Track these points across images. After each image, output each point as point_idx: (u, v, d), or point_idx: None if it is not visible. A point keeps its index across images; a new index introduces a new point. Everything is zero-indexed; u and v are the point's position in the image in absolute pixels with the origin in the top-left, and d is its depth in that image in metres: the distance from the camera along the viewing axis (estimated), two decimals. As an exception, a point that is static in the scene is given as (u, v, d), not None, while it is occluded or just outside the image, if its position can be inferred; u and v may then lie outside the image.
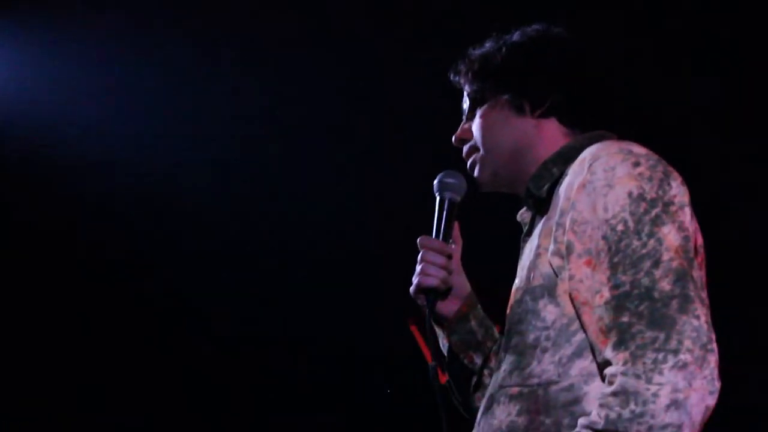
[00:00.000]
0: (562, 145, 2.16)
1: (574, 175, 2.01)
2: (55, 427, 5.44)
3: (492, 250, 3.59)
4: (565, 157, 2.11)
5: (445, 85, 2.35)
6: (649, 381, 1.79)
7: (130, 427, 5.62)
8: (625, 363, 1.82)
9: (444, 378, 5.66)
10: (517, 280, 2.13)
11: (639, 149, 2.00)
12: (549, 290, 2.00)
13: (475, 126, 2.26)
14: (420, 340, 5.69)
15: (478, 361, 2.28)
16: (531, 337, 2.01)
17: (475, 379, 2.28)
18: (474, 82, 2.27)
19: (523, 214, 2.26)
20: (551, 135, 2.18)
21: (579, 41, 2.26)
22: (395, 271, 5.23)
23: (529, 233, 2.18)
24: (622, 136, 2.14)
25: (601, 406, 1.82)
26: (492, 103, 2.23)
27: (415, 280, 2.24)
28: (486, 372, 2.27)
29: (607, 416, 1.80)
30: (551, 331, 1.98)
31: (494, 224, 3.39)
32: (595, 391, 1.90)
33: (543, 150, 2.17)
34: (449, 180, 2.30)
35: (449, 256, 2.25)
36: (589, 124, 2.19)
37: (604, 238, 1.91)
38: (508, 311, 2.13)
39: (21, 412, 5.34)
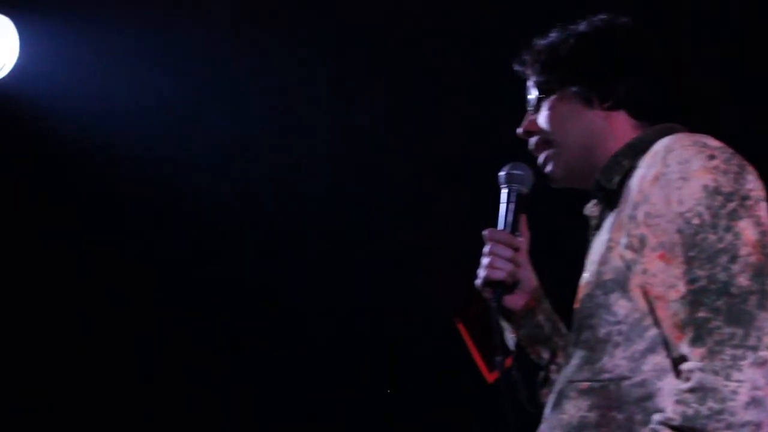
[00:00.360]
0: (632, 138, 2.12)
1: (646, 168, 1.98)
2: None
3: (555, 244, 3.56)
4: (635, 150, 2.08)
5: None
6: (727, 378, 1.76)
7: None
8: (702, 359, 1.79)
9: (491, 376, 5.64)
10: (586, 274, 2.09)
11: (713, 142, 1.97)
12: (621, 284, 1.97)
13: (544, 119, 2.22)
14: (467, 339, 5.66)
15: (546, 356, 2.25)
16: (602, 331, 1.97)
17: (542, 374, 2.25)
18: (541, 73, 2.23)
19: (591, 208, 2.22)
20: (621, 127, 2.15)
21: (647, 30, 2.22)
22: (439, 265, 5.31)
23: (598, 227, 2.14)
24: (692, 129, 2.11)
25: (678, 402, 1.79)
26: (560, 95, 2.20)
27: (482, 272, 2.21)
28: (553, 368, 2.24)
29: (683, 413, 1.77)
30: (623, 326, 1.95)
31: (557, 218, 3.35)
32: (668, 386, 1.88)
33: (613, 143, 2.13)
34: (516, 171, 2.26)
35: (517, 249, 2.22)
36: (659, 116, 2.15)
37: (679, 231, 1.88)
38: (576, 306, 2.10)
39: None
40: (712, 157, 1.92)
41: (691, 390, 1.78)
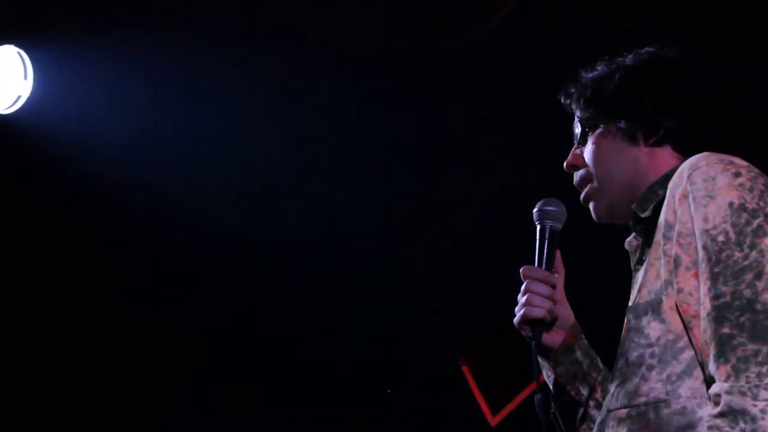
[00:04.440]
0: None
1: (674, 186, 1.98)
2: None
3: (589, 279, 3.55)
4: (668, 178, 2.07)
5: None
6: (755, 397, 1.75)
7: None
8: (727, 377, 1.78)
9: (495, 419, 5.59)
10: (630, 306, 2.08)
11: (740, 161, 1.97)
12: (653, 306, 1.96)
13: (588, 155, 2.21)
14: (471, 380, 5.63)
15: (584, 392, 2.23)
16: (634, 355, 1.96)
17: (581, 411, 2.23)
18: (586, 108, 2.22)
19: (632, 242, 2.21)
20: (666, 163, 2.14)
21: (692, 63, 2.21)
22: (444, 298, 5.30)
23: (641, 261, 2.12)
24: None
25: (710, 428, 1.78)
26: (604, 130, 2.19)
27: (520, 311, 2.20)
28: (592, 403, 2.22)
29: None
30: (656, 348, 1.94)
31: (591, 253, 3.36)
32: (708, 415, 1.84)
33: (656, 178, 2.12)
34: (550, 208, 2.26)
35: (553, 286, 2.21)
36: (700, 148, 2.11)
37: (705, 248, 1.88)
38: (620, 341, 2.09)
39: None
40: (737, 174, 1.92)
41: (722, 414, 1.77)
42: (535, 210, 2.27)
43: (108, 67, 4.38)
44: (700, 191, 1.92)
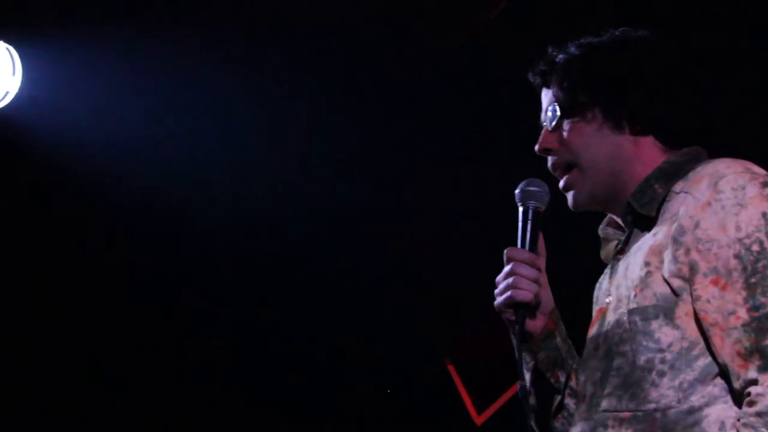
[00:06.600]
0: (661, 162, 2.08)
1: (698, 193, 1.95)
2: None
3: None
4: (668, 174, 2.05)
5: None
6: None
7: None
8: None
9: (480, 418, 5.59)
10: (610, 299, 2.06)
11: (759, 169, 1.97)
12: (665, 311, 1.93)
13: (568, 139, 2.13)
14: (457, 380, 5.63)
15: (562, 379, 2.19)
16: (642, 359, 1.94)
17: (557, 399, 2.19)
18: (571, 90, 2.12)
19: (607, 230, 2.18)
20: (649, 153, 2.09)
21: (674, 47, 2.15)
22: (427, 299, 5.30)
23: (623, 251, 2.09)
24: (712, 153, 2.10)
25: (745, 425, 1.79)
26: (586, 115, 2.11)
27: (503, 294, 2.11)
28: (567, 392, 2.18)
29: None
30: (667, 354, 1.92)
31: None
32: (716, 413, 1.87)
33: (641, 168, 2.08)
34: (533, 188, 2.17)
35: (539, 269, 2.14)
36: (685, 141, 2.11)
37: (738, 257, 1.87)
38: (596, 330, 2.07)
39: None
40: (765, 184, 1.92)
41: (758, 414, 1.78)
42: (517, 191, 2.18)
43: (97, 62, 4.37)
44: (729, 200, 1.91)
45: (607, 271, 2.17)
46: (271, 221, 4.98)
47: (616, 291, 2.06)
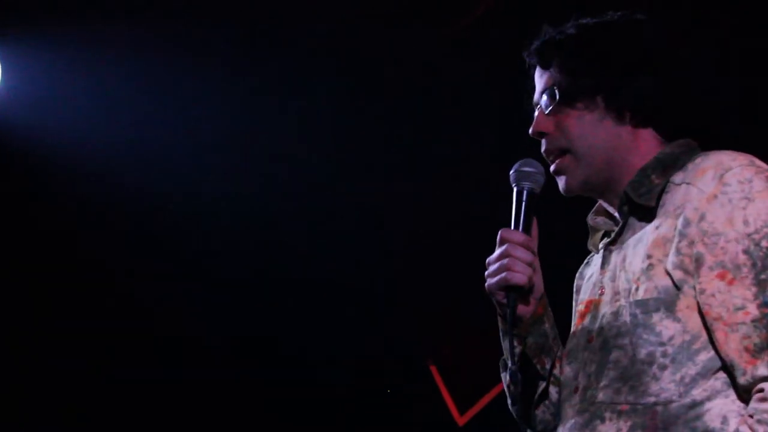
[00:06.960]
0: (657, 153, 2.04)
1: (703, 184, 1.92)
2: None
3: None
4: (665, 165, 2.01)
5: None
6: None
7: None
8: None
9: (462, 419, 5.58)
10: (604, 290, 2.03)
11: (762, 163, 1.94)
12: (666, 304, 1.90)
13: (565, 126, 2.07)
14: (440, 381, 5.62)
15: (548, 366, 2.14)
16: (642, 352, 1.91)
17: (542, 386, 2.15)
18: (569, 73, 2.06)
19: (597, 219, 2.15)
20: (646, 144, 2.05)
21: (674, 34, 2.10)
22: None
23: (615, 242, 2.06)
24: (703, 143, 2.07)
25: (759, 422, 1.78)
26: (587, 102, 2.05)
27: (498, 275, 2.04)
28: (552, 379, 2.14)
29: None
30: (668, 347, 1.89)
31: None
32: (718, 407, 1.85)
33: (638, 159, 2.04)
34: (528, 169, 2.10)
35: (534, 252, 2.08)
36: (682, 132, 2.07)
37: (747, 252, 1.85)
38: (588, 321, 2.04)
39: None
40: None
41: None
42: (512, 171, 2.11)
43: (77, 59, 4.34)
44: (736, 193, 1.88)
45: (596, 261, 2.14)
46: (262, 222, 4.96)
47: (611, 283, 2.02)
